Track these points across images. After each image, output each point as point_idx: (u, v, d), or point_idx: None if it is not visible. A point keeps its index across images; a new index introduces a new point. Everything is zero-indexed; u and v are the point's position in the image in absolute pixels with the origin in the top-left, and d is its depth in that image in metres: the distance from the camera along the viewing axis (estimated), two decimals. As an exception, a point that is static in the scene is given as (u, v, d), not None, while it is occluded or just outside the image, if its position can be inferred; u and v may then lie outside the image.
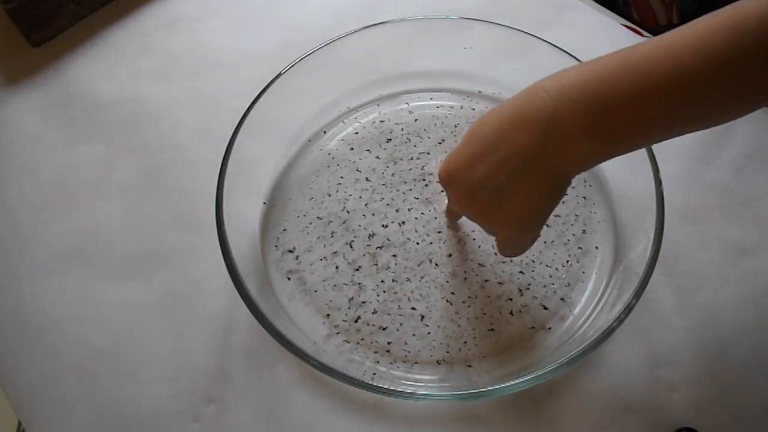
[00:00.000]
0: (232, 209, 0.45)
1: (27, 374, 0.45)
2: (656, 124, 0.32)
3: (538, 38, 0.52)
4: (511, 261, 0.47)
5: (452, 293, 0.46)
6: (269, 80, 0.50)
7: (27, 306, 0.48)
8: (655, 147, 0.45)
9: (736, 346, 0.43)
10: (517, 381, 0.39)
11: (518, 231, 0.38)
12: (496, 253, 0.48)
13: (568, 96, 0.32)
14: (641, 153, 0.45)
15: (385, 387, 0.39)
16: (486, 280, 0.47)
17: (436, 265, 0.47)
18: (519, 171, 0.34)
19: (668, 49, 0.31)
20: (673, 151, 0.52)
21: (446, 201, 0.51)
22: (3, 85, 0.61)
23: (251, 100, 0.49)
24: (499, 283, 0.46)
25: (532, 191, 0.35)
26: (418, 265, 0.47)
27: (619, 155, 0.34)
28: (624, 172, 0.49)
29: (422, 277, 0.47)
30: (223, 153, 0.47)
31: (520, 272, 0.47)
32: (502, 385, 0.38)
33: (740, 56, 0.30)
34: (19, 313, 0.48)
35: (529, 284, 0.46)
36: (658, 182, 0.44)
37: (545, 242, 0.48)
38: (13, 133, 0.58)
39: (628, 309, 0.39)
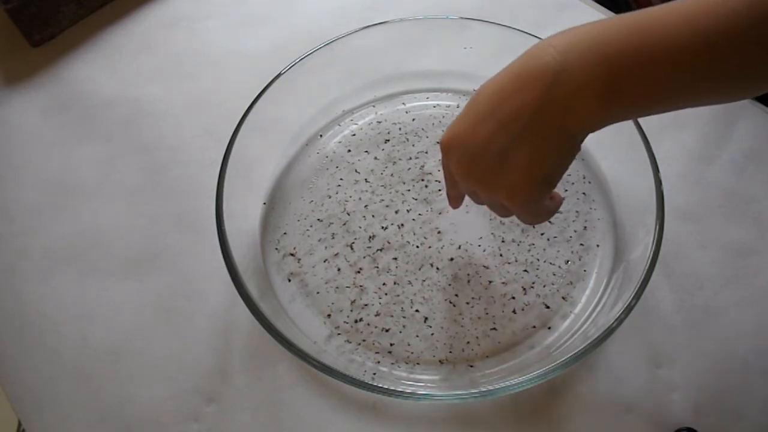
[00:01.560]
0: (232, 209, 0.45)
1: (27, 374, 0.45)
2: (665, 89, 0.31)
3: (538, 38, 0.52)
4: (516, 261, 0.47)
5: (455, 295, 0.46)
6: (269, 80, 0.50)
7: (27, 306, 0.48)
8: (655, 147, 0.45)
9: (736, 346, 0.43)
10: (517, 381, 0.39)
11: (522, 198, 0.34)
12: (501, 255, 0.48)
13: (577, 51, 0.30)
14: (641, 153, 0.45)
15: (385, 387, 0.39)
16: (490, 281, 0.47)
17: (438, 269, 0.47)
18: (523, 131, 0.32)
19: (683, 11, 0.29)
20: (673, 151, 0.52)
21: (445, 201, 0.51)
22: (3, 85, 0.61)
23: (251, 100, 0.49)
24: (503, 283, 0.46)
25: (536, 153, 0.32)
26: (419, 269, 0.47)
27: (628, 118, 0.33)
28: (624, 172, 0.49)
29: (424, 281, 0.47)
30: (223, 153, 0.47)
31: (524, 271, 0.47)
32: (503, 385, 0.38)
33: (760, 22, 0.28)
34: (19, 313, 0.48)
35: (533, 282, 0.46)
36: (658, 182, 0.44)
37: (548, 239, 0.48)
38: (13, 133, 0.58)
39: (628, 309, 0.39)
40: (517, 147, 0.32)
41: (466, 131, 0.34)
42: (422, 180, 0.52)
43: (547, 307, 0.45)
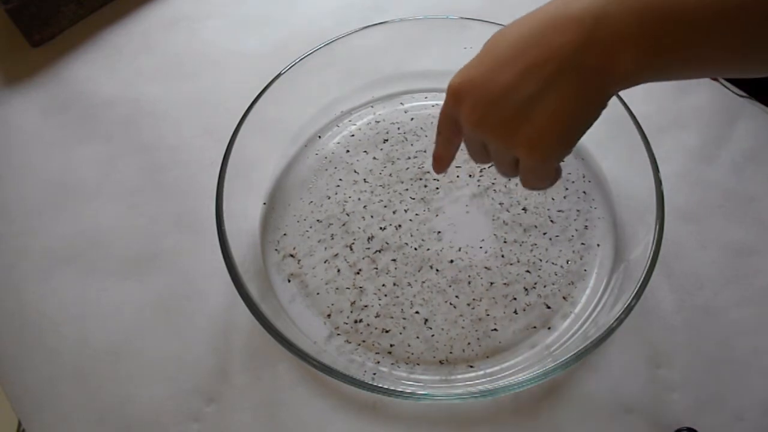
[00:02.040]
0: (232, 209, 0.45)
1: (27, 374, 0.45)
2: (698, 46, 0.29)
3: (538, 38, 0.52)
4: (518, 261, 0.47)
5: (456, 296, 0.46)
6: (269, 80, 0.50)
7: (27, 306, 0.48)
8: (655, 147, 0.45)
9: (736, 346, 0.43)
10: (517, 381, 0.39)
11: (542, 150, 0.31)
12: (503, 256, 0.48)
13: None
14: (641, 153, 0.45)
15: (385, 387, 0.39)
16: (491, 283, 0.46)
17: (437, 270, 0.47)
18: (554, 77, 0.29)
19: None
20: (673, 151, 0.52)
21: (443, 201, 0.51)
22: (3, 85, 0.61)
23: (251, 100, 0.49)
24: (505, 284, 0.46)
25: (567, 102, 0.30)
26: (419, 271, 0.47)
27: (665, 78, 0.31)
28: (624, 172, 0.49)
29: (423, 282, 0.47)
30: (223, 153, 0.47)
31: (527, 271, 0.47)
32: (503, 385, 0.39)
33: None
34: (18, 313, 0.48)
35: (534, 283, 0.46)
36: (658, 182, 0.44)
37: (550, 238, 0.48)
38: (13, 133, 0.58)
39: (628, 309, 0.39)
40: (545, 94, 0.30)
41: (485, 76, 0.31)
42: (421, 179, 0.52)
43: (548, 307, 0.45)
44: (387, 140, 0.55)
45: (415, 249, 0.48)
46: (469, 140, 0.35)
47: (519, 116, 0.31)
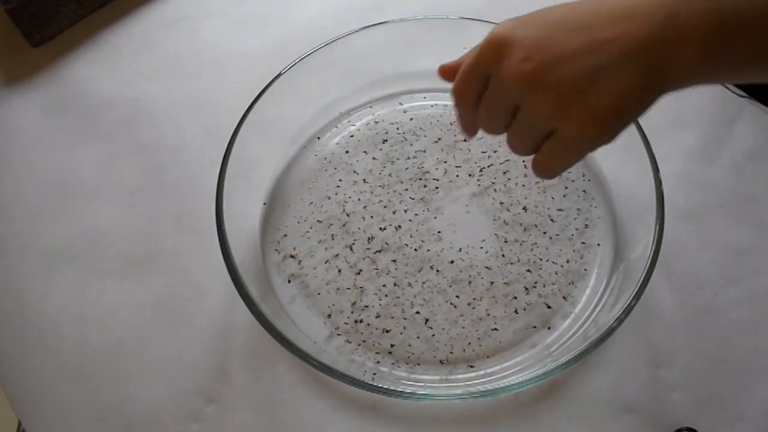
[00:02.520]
0: (232, 209, 0.45)
1: (27, 374, 0.45)
2: (761, 52, 0.29)
3: (538, 38, 0.52)
4: (518, 261, 0.47)
5: (456, 296, 0.46)
6: (269, 80, 0.50)
7: (27, 306, 0.48)
8: (655, 147, 0.45)
9: (736, 346, 0.43)
10: (517, 381, 0.39)
11: (595, 128, 0.30)
12: (503, 255, 0.48)
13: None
14: (641, 153, 0.45)
15: (385, 387, 0.39)
16: (492, 282, 0.46)
17: (438, 271, 0.47)
18: (625, 57, 0.29)
19: None
20: (673, 151, 0.52)
21: (443, 201, 0.50)
22: (3, 85, 0.61)
23: (251, 100, 0.49)
24: (506, 284, 0.46)
25: (630, 86, 0.29)
26: (419, 271, 0.47)
27: (710, 83, 0.31)
28: (624, 172, 0.49)
29: (424, 282, 0.47)
30: (223, 153, 0.47)
31: (527, 271, 0.47)
32: (503, 385, 0.39)
33: None
34: (18, 313, 0.48)
35: (535, 282, 0.46)
36: (658, 182, 0.44)
37: (550, 237, 0.48)
38: (13, 133, 0.58)
39: (628, 309, 0.39)
40: (613, 71, 0.29)
41: (548, 34, 0.30)
42: (420, 179, 0.52)
43: (549, 307, 0.45)
44: (386, 140, 0.55)
45: (416, 250, 0.48)
46: (499, 99, 0.33)
47: (581, 84, 0.29)
